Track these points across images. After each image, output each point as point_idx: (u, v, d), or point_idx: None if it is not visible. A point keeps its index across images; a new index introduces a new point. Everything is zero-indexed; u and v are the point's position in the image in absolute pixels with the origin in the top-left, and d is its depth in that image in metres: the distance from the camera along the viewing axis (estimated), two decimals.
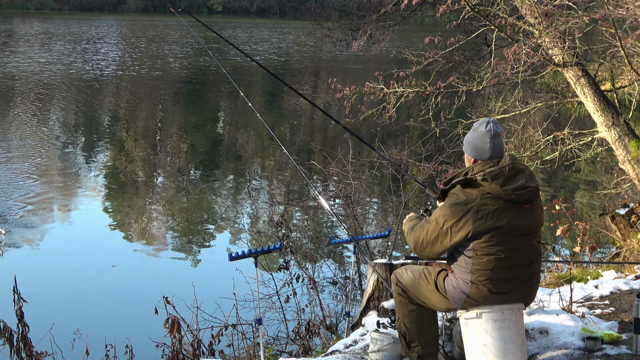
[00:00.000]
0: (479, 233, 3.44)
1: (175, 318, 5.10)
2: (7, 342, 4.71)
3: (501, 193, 3.44)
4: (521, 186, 3.46)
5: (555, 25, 8.33)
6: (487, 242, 3.45)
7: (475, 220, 3.43)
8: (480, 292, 3.50)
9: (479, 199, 3.45)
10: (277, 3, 78.92)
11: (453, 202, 3.49)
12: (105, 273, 9.12)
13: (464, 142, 3.70)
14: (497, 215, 3.44)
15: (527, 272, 3.56)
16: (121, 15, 69.65)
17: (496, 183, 3.45)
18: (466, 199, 3.46)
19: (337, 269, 9.19)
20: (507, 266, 3.48)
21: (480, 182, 3.46)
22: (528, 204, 3.51)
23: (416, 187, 8.89)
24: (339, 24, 12.31)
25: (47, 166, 14.89)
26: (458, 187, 3.53)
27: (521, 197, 3.47)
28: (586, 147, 9.69)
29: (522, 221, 3.49)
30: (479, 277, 3.49)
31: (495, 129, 3.57)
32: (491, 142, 3.55)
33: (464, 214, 3.45)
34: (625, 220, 8.10)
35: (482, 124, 3.60)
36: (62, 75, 27.40)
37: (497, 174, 3.46)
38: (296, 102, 25.33)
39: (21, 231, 10.53)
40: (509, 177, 3.47)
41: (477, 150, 3.58)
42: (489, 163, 3.52)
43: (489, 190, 3.45)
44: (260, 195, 13.47)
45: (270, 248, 4.67)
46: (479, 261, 3.48)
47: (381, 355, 4.02)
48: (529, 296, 3.66)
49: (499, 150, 3.56)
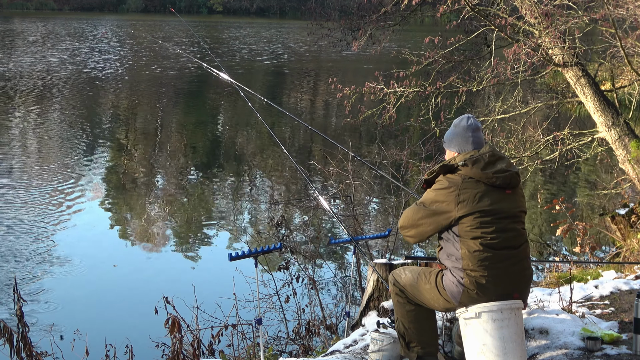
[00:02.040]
0: (463, 216, 3.53)
1: (175, 318, 5.10)
2: (7, 342, 4.71)
3: (482, 177, 3.55)
4: (501, 170, 3.58)
5: (555, 25, 8.33)
6: (471, 225, 3.53)
7: (457, 203, 3.54)
8: (473, 279, 3.53)
9: (461, 183, 3.56)
10: (277, 3, 78.91)
11: (437, 187, 3.64)
12: (106, 273, 9.12)
13: (444, 140, 3.83)
14: (480, 199, 3.54)
15: (516, 255, 3.60)
16: (121, 15, 69.66)
17: (477, 167, 3.56)
18: (449, 183, 3.59)
19: (337, 269, 9.19)
20: (495, 247, 3.53)
21: (460, 167, 3.59)
22: (510, 190, 3.60)
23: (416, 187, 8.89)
24: (339, 24, 12.31)
25: (46, 166, 14.89)
26: (441, 176, 3.67)
27: (502, 180, 3.56)
28: (586, 147, 9.69)
29: (504, 205, 3.58)
30: (470, 264, 3.53)
31: (476, 124, 3.73)
32: (473, 136, 3.70)
33: (447, 197, 3.57)
34: (625, 220, 8.09)
35: (462, 120, 3.75)
36: (62, 75, 27.39)
37: (477, 158, 3.59)
38: (296, 102, 25.33)
39: (21, 231, 10.53)
40: (489, 162, 3.59)
41: (459, 145, 3.71)
42: (469, 152, 3.65)
43: (470, 174, 3.57)
44: (260, 195, 13.48)
45: (270, 248, 4.67)
46: (467, 245, 3.54)
47: (381, 355, 4.02)
48: (523, 286, 3.66)
49: (479, 143, 3.71)
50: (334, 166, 8.75)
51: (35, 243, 10.06)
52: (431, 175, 3.72)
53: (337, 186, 9.27)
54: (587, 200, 12.88)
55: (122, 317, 7.87)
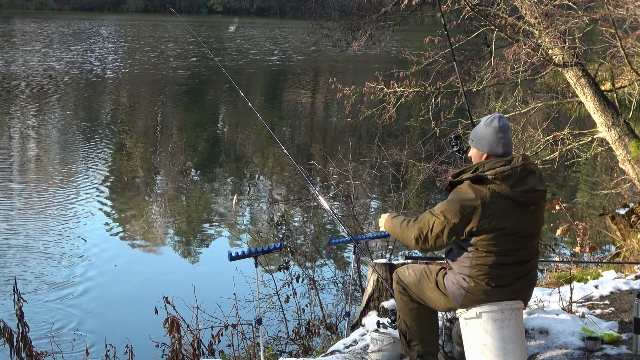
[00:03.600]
0: (483, 231, 3.45)
1: (175, 318, 5.10)
2: (7, 342, 4.71)
3: (510, 194, 3.46)
4: (530, 189, 3.49)
5: (555, 25, 8.33)
6: (489, 241, 3.47)
7: (481, 218, 3.44)
8: (478, 286, 3.52)
9: (488, 197, 3.45)
10: (277, 3, 78.89)
11: (462, 198, 3.49)
12: (106, 273, 9.12)
13: (472, 138, 3.69)
14: (504, 216, 3.45)
15: (525, 268, 3.59)
16: (121, 15, 69.64)
17: (506, 184, 3.46)
18: (475, 195, 3.46)
19: (337, 269, 9.19)
20: (507, 263, 3.51)
21: (491, 180, 3.47)
22: (534, 206, 3.54)
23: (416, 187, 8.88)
24: (339, 24, 12.30)
25: (46, 166, 14.89)
26: (467, 183, 3.53)
27: (529, 199, 3.50)
28: (586, 147, 9.68)
29: (527, 223, 3.52)
30: (478, 272, 3.51)
31: (507, 124, 3.62)
32: (504, 137, 3.58)
33: (471, 210, 3.45)
34: (625, 220, 8.10)
35: (494, 120, 3.62)
36: (62, 75, 27.38)
37: (509, 174, 3.47)
38: (296, 102, 25.32)
39: (21, 231, 10.53)
40: (520, 178, 3.48)
41: (490, 146, 3.59)
42: (500, 161, 3.53)
43: (498, 190, 3.46)
44: (260, 195, 13.47)
45: (270, 248, 4.67)
46: (479, 256, 3.50)
47: (381, 355, 4.02)
48: (527, 292, 3.66)
49: (509, 145, 3.60)
50: (334, 166, 8.74)
51: (36, 243, 10.05)
52: (456, 178, 3.60)
53: (337, 186, 9.26)
54: (587, 200, 12.88)
55: (122, 317, 7.87)
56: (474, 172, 3.53)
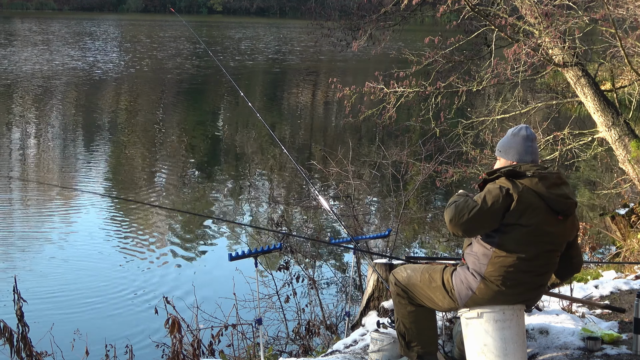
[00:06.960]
0: (510, 225, 3.46)
1: (175, 318, 5.10)
2: (7, 342, 4.71)
3: (544, 193, 3.49)
4: (565, 195, 3.54)
5: (555, 25, 8.32)
6: (512, 239, 3.47)
7: (514, 207, 3.45)
8: (488, 288, 3.51)
9: (524, 190, 3.49)
10: (277, 3, 78.88)
11: (500, 186, 3.52)
12: (106, 273, 9.12)
13: (499, 149, 3.76)
14: (533, 214, 3.47)
15: (538, 280, 3.58)
16: (121, 15, 69.64)
17: (543, 184, 3.51)
18: (512, 186, 3.50)
19: (337, 269, 9.19)
20: (523, 270, 3.50)
21: (529, 175, 3.53)
22: (562, 216, 3.55)
23: (416, 187, 8.89)
24: (339, 24, 12.30)
25: (46, 166, 14.89)
26: (504, 178, 3.57)
27: (561, 205, 3.52)
28: (586, 147, 9.68)
29: (552, 229, 3.52)
30: (493, 272, 3.50)
31: (533, 134, 3.72)
32: (532, 147, 3.67)
33: (509, 196, 3.47)
34: (625, 220, 8.10)
35: (521, 130, 3.71)
36: (62, 75, 27.39)
37: (546, 175, 3.54)
38: (296, 102, 25.32)
39: (21, 230, 10.54)
40: (555, 183, 3.54)
41: (519, 154, 3.66)
42: (535, 165, 3.60)
43: (534, 187, 3.50)
44: (260, 195, 13.47)
45: (270, 248, 4.66)
46: (498, 256, 3.49)
47: (381, 355, 4.02)
48: (533, 301, 3.69)
49: (537, 154, 3.69)
50: (334, 166, 8.75)
51: (36, 242, 10.06)
52: (492, 175, 3.63)
53: (337, 186, 9.26)
54: (587, 200, 12.87)
55: (122, 317, 7.87)
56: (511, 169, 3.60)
